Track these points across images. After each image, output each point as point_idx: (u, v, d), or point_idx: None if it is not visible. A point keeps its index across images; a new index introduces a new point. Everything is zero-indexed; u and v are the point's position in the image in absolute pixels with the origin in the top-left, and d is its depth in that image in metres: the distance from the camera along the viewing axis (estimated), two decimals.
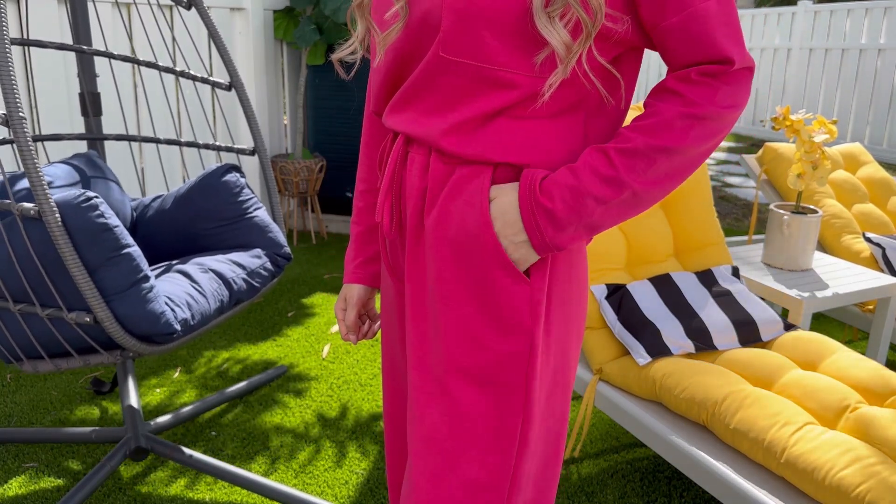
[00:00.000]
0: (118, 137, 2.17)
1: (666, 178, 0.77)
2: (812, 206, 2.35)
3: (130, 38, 2.29)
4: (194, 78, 2.04)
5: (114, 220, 1.43)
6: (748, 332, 1.84)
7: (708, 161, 6.81)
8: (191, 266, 1.72)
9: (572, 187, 0.76)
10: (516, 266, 0.80)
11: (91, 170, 1.95)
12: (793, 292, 2.09)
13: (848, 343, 2.77)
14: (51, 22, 2.73)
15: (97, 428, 1.91)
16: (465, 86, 0.79)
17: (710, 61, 0.75)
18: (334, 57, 0.94)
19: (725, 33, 0.75)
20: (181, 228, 1.92)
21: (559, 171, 0.78)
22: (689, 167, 0.78)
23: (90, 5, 2.83)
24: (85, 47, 2.02)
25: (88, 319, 1.41)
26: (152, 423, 1.95)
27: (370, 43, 0.94)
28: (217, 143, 2.13)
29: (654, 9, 0.74)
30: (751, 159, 2.89)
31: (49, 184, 1.80)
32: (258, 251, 1.89)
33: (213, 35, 1.98)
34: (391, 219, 0.90)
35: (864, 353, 2.56)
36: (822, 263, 2.38)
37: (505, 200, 0.79)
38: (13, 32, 2.63)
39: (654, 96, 0.78)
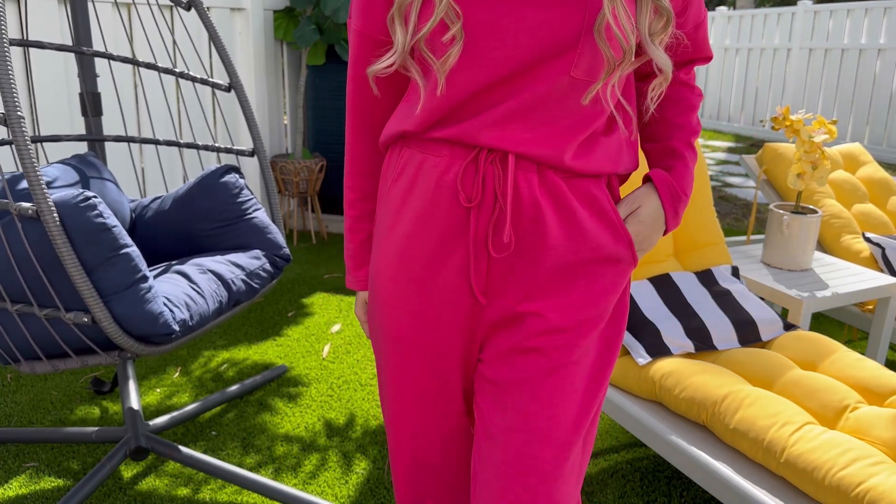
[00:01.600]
0: (117, 139, 2.17)
1: None
2: (812, 206, 2.35)
3: (130, 40, 2.29)
4: (194, 79, 2.04)
5: (112, 220, 1.43)
6: (748, 332, 1.84)
7: (708, 161, 6.81)
8: (189, 267, 1.72)
9: (692, 175, 0.98)
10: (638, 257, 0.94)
11: (90, 170, 1.95)
12: (793, 292, 2.09)
13: (848, 343, 2.76)
14: (51, 23, 2.73)
15: (97, 428, 1.91)
16: (584, 104, 0.85)
17: (700, 59, 1.00)
18: (370, 71, 0.89)
19: (708, 40, 1.00)
20: (180, 229, 1.92)
21: (679, 164, 0.97)
22: None
23: (90, 6, 2.83)
24: (85, 49, 2.02)
25: (86, 320, 1.41)
26: (152, 422, 1.95)
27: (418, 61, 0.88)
28: (216, 145, 2.13)
29: (680, 23, 0.94)
30: (750, 159, 2.88)
31: (48, 184, 1.80)
32: (257, 252, 1.89)
33: (213, 36, 1.98)
34: (513, 236, 0.88)
35: (863, 353, 2.56)
36: (822, 263, 2.38)
37: (651, 207, 0.95)
38: (13, 33, 2.63)
39: (672, 87, 0.99)
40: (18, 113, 1.28)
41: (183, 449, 1.80)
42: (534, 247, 0.87)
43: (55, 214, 1.34)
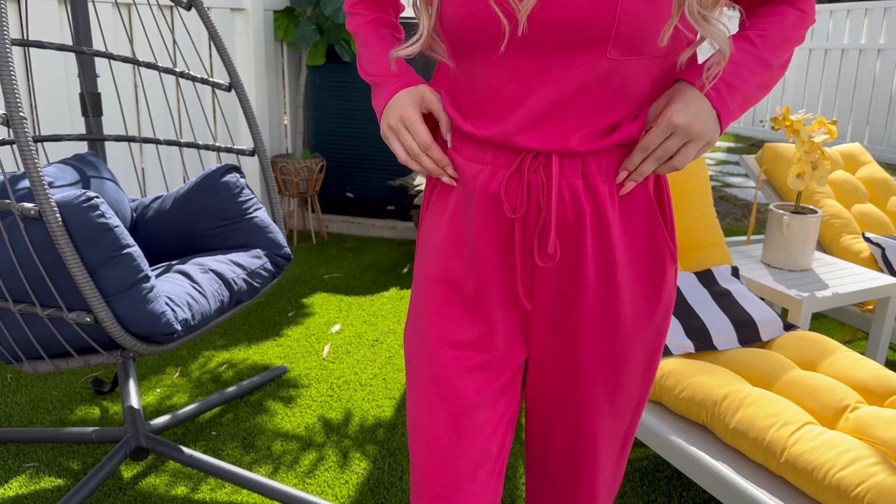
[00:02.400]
0: (118, 138, 2.17)
1: (782, 68, 0.85)
2: (812, 206, 2.35)
3: (130, 39, 2.29)
4: (194, 79, 2.04)
5: (114, 220, 1.43)
6: (748, 332, 1.84)
7: (708, 161, 6.82)
8: (191, 266, 1.72)
9: (754, 64, 0.82)
10: (708, 144, 0.82)
11: (90, 170, 1.95)
12: (792, 292, 2.09)
13: (848, 343, 2.77)
14: (51, 22, 2.73)
15: (97, 428, 1.91)
16: (636, 86, 0.79)
17: None
18: (393, 55, 0.85)
19: None
20: (181, 229, 1.93)
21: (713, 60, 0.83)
22: (786, 65, 0.86)
23: (90, 6, 2.83)
24: (85, 48, 2.02)
25: (89, 319, 1.41)
26: (152, 422, 1.95)
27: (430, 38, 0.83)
28: (217, 144, 2.13)
29: None
30: (750, 159, 2.89)
31: (49, 184, 1.80)
32: (258, 251, 1.89)
33: (213, 36, 1.99)
34: (560, 245, 0.85)
35: (863, 353, 2.56)
36: (822, 263, 2.38)
37: (684, 95, 0.81)
38: (13, 33, 2.63)
39: (772, 4, 0.85)
40: (21, 114, 1.28)
41: (183, 449, 1.80)
42: (581, 254, 0.85)
43: (58, 215, 1.35)
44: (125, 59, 2.07)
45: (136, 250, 1.47)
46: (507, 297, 0.89)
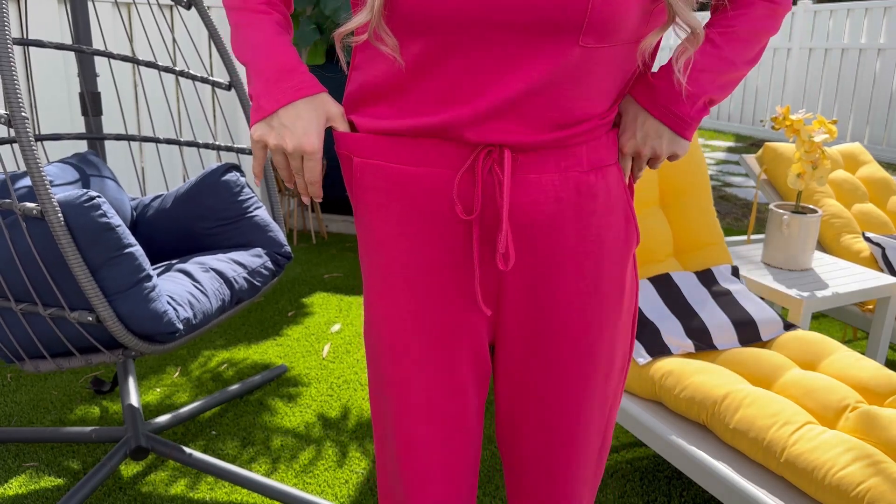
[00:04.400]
0: (118, 137, 2.17)
1: (750, 63, 0.82)
2: (812, 206, 2.35)
3: (130, 38, 2.29)
4: (194, 77, 2.04)
5: (116, 220, 1.43)
6: (748, 332, 1.84)
7: (708, 161, 6.82)
8: (192, 265, 1.72)
9: (713, 62, 0.80)
10: (674, 156, 0.83)
11: (90, 169, 1.95)
12: (792, 292, 2.09)
13: (848, 343, 2.77)
14: (51, 22, 2.73)
15: (97, 427, 1.91)
16: (606, 77, 0.75)
17: None
18: (337, 33, 0.74)
19: None
20: (181, 228, 1.93)
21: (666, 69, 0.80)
22: (756, 59, 0.83)
23: (90, 5, 2.83)
24: (85, 47, 2.02)
25: (91, 319, 1.41)
26: (152, 422, 1.95)
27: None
28: (217, 143, 2.13)
29: None
30: (750, 159, 2.89)
31: (50, 183, 1.80)
32: (259, 250, 1.89)
33: (213, 35, 1.99)
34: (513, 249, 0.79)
35: (864, 353, 2.56)
36: (822, 263, 2.38)
37: (629, 116, 0.82)
38: (13, 32, 2.63)
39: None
40: (23, 113, 1.28)
41: (183, 448, 1.80)
42: (549, 252, 0.80)
43: (60, 214, 1.35)
44: (125, 58, 2.07)
45: (137, 250, 1.47)
46: (465, 302, 0.83)
